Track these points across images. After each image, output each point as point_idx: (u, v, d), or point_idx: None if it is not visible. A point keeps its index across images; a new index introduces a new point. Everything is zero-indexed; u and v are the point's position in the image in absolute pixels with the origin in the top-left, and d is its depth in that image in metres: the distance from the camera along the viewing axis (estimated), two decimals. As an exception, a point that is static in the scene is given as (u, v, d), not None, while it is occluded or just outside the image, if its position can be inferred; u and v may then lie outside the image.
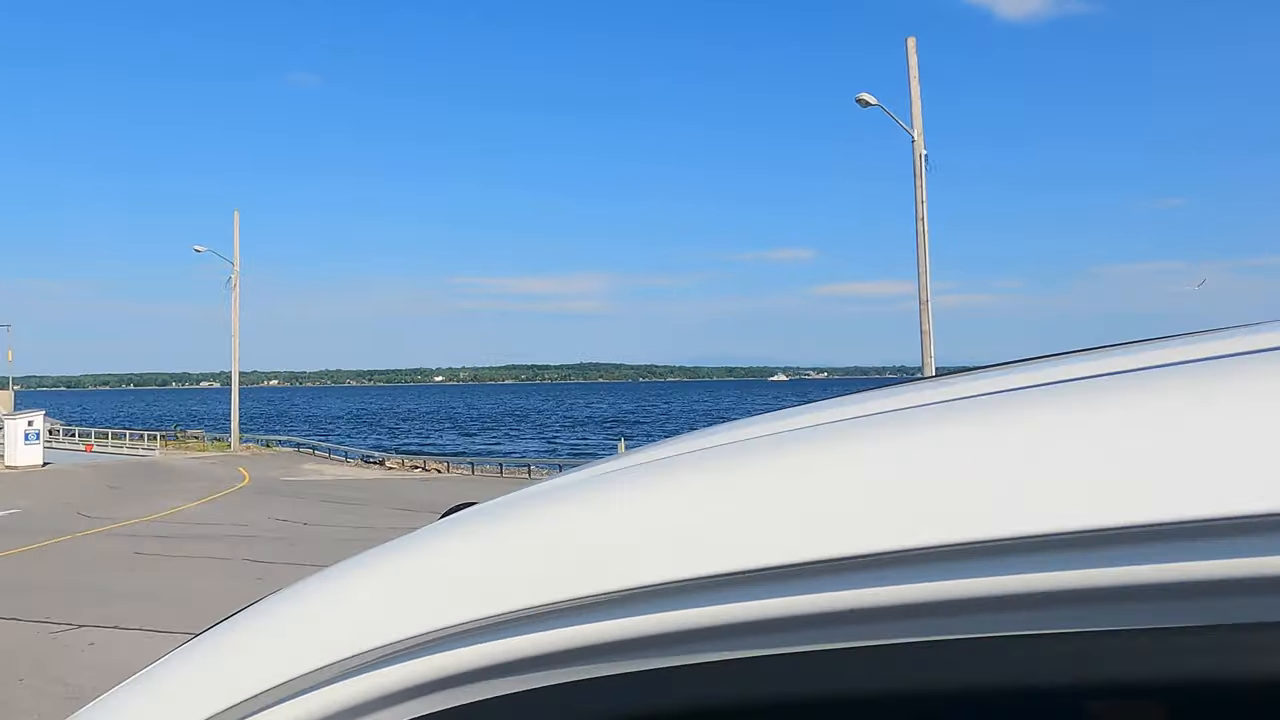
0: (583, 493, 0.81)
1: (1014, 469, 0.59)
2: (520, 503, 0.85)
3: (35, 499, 27.81)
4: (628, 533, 0.72)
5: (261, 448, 47.99)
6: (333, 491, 28.55)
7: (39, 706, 7.51)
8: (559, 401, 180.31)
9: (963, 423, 0.66)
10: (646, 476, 0.78)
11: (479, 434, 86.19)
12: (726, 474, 0.73)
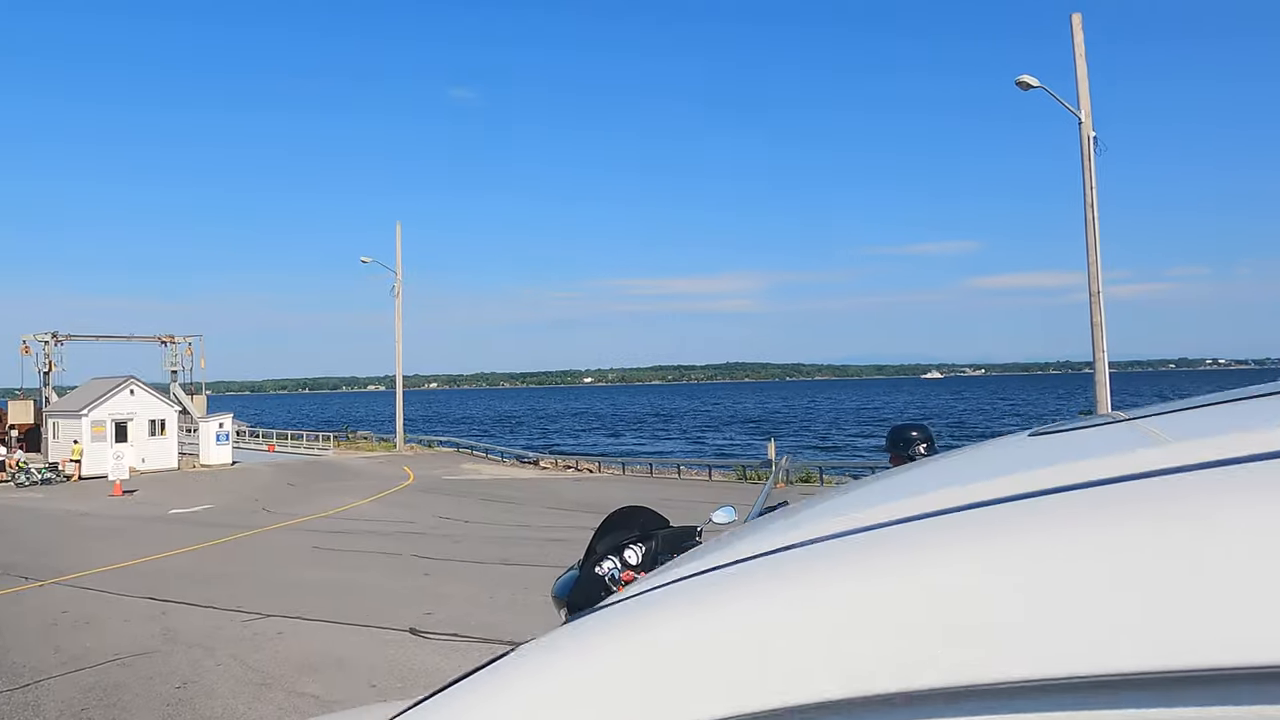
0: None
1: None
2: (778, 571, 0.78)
3: (225, 495, 30.09)
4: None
5: (424, 448, 50.20)
6: (491, 490, 29.49)
7: (235, 691, 8.02)
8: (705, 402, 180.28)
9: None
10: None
11: (626, 434, 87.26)
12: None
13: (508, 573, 13.67)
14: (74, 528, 23.64)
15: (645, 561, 4.43)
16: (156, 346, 53.51)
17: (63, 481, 36.99)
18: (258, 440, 54.59)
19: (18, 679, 8.84)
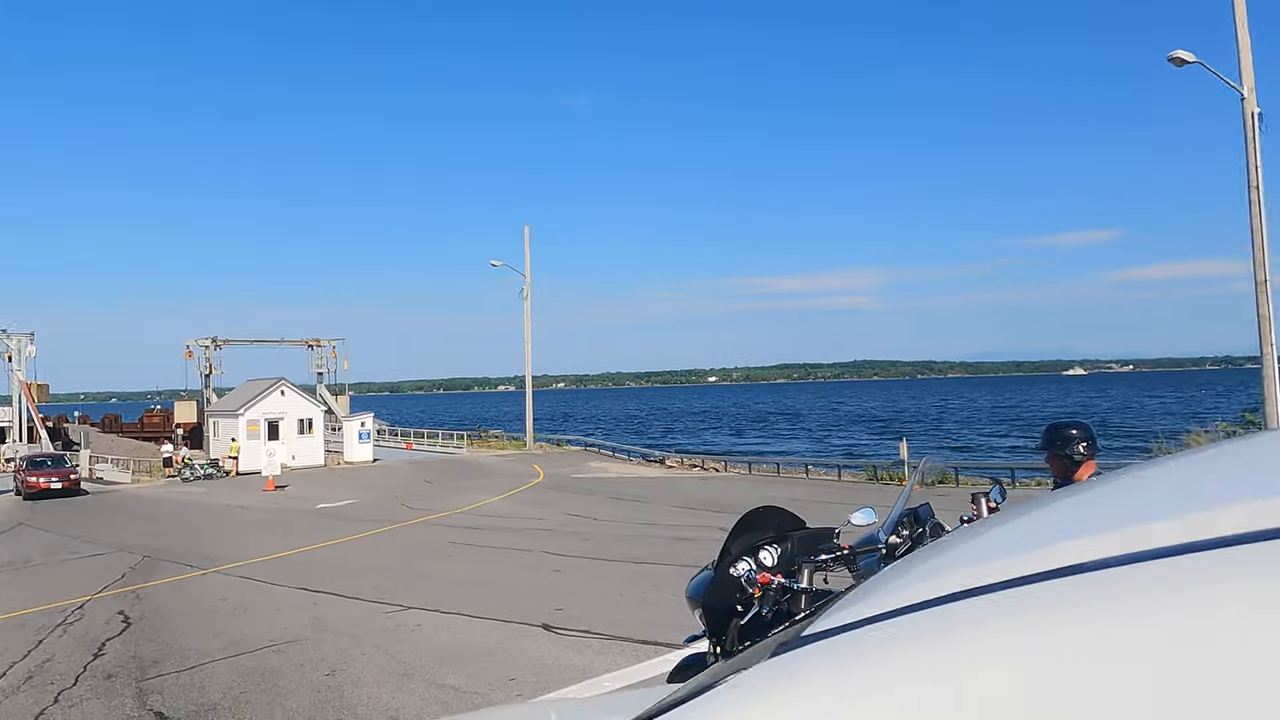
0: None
1: None
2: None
3: (368, 491, 31.50)
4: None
5: (552, 446, 51.19)
6: (618, 488, 29.77)
7: (380, 680, 8.35)
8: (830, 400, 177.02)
9: None
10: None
11: (750, 433, 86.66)
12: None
13: (636, 571, 13.74)
14: (232, 520, 25.23)
15: (781, 563, 4.33)
16: (304, 350, 56.60)
17: (222, 476, 39.57)
18: (396, 439, 56.93)
19: (185, 661, 9.47)
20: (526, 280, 49.41)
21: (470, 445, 51.83)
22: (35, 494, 32.22)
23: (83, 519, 26.59)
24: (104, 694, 8.40)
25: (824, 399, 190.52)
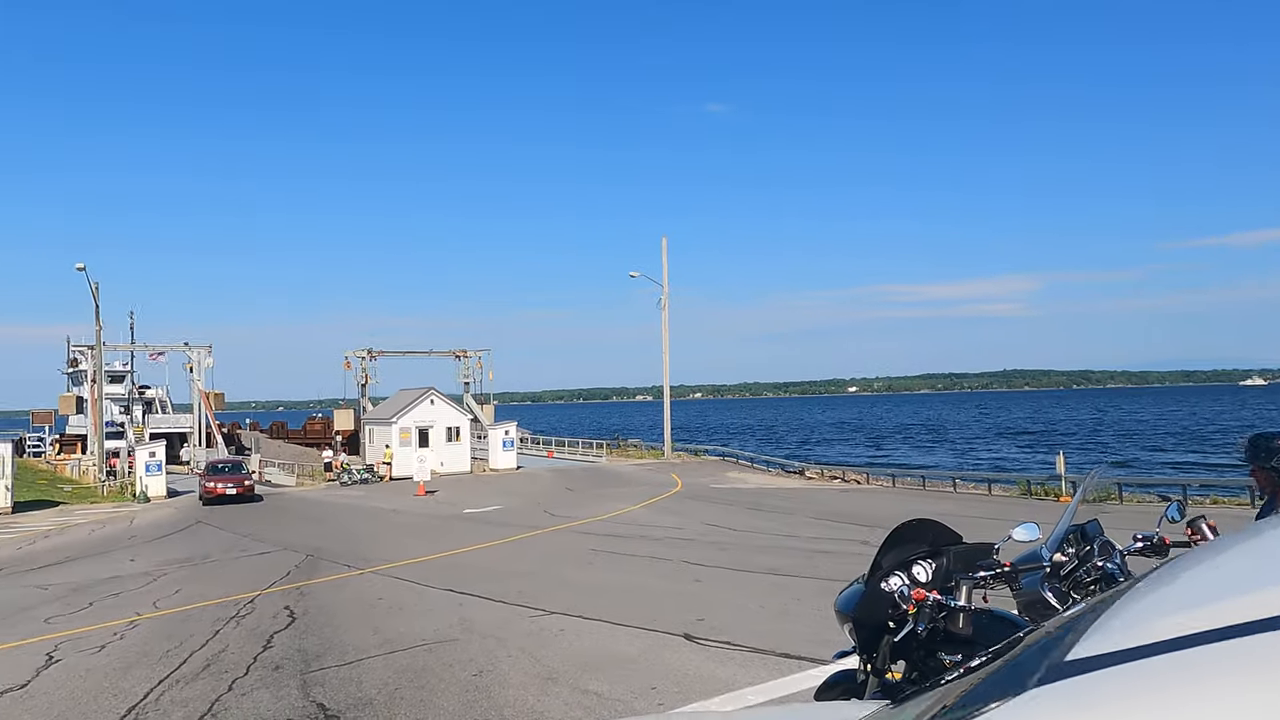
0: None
1: None
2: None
3: (512, 497, 32.38)
4: None
5: (690, 456, 51.23)
6: (757, 499, 29.47)
7: (525, 683, 8.52)
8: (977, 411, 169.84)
9: None
10: None
11: (891, 445, 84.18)
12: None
13: (777, 582, 13.53)
14: (386, 523, 26.44)
15: (936, 579, 4.15)
16: (452, 360, 58.89)
17: (377, 481, 41.56)
18: (538, 447, 58.34)
19: (344, 655, 9.95)
20: (664, 291, 49.77)
21: (609, 454, 52.52)
22: (212, 499, 33.53)
23: (252, 519, 28.45)
24: (272, 684, 8.92)
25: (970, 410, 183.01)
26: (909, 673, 4.03)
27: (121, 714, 8.14)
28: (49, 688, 9.16)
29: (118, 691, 8.88)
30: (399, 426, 43.96)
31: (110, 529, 28.23)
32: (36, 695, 8.90)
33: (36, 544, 25.38)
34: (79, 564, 20.12)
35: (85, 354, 55.44)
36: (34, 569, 19.57)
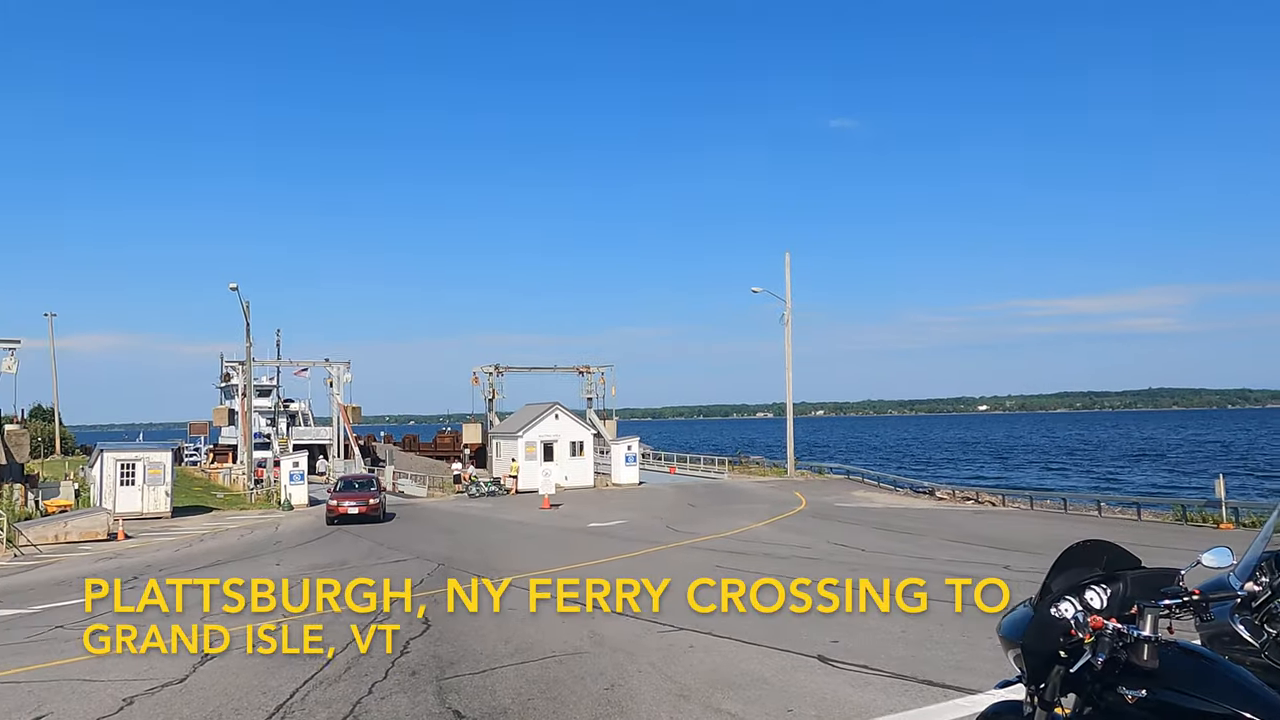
0: None
1: None
2: None
3: (634, 512, 32.47)
4: None
5: (814, 474, 50.30)
6: (885, 519, 28.60)
7: (657, 699, 8.41)
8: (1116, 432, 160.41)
9: None
10: None
11: (1025, 466, 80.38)
12: None
13: (915, 605, 12.99)
14: (514, 534, 26.93)
15: (1111, 606, 3.81)
16: (575, 376, 59.85)
17: (503, 494, 42.48)
18: (660, 462, 58.45)
19: (477, 664, 10.09)
20: (787, 306, 49.17)
21: (731, 470, 52.12)
22: (335, 518, 31.57)
23: (388, 528, 29.49)
24: (409, 689, 9.11)
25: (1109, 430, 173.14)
26: (1080, 707, 3.72)
27: (270, 711, 8.46)
28: (205, 683, 9.63)
29: (266, 690, 9.25)
30: (524, 441, 44.84)
31: (257, 534, 29.80)
32: (193, 690, 9.37)
33: (193, 547, 27.01)
34: (230, 567, 21.27)
35: (236, 369, 58.99)
36: (191, 570, 20.79)
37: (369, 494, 32.92)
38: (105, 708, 8.76)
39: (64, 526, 30.61)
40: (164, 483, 37.85)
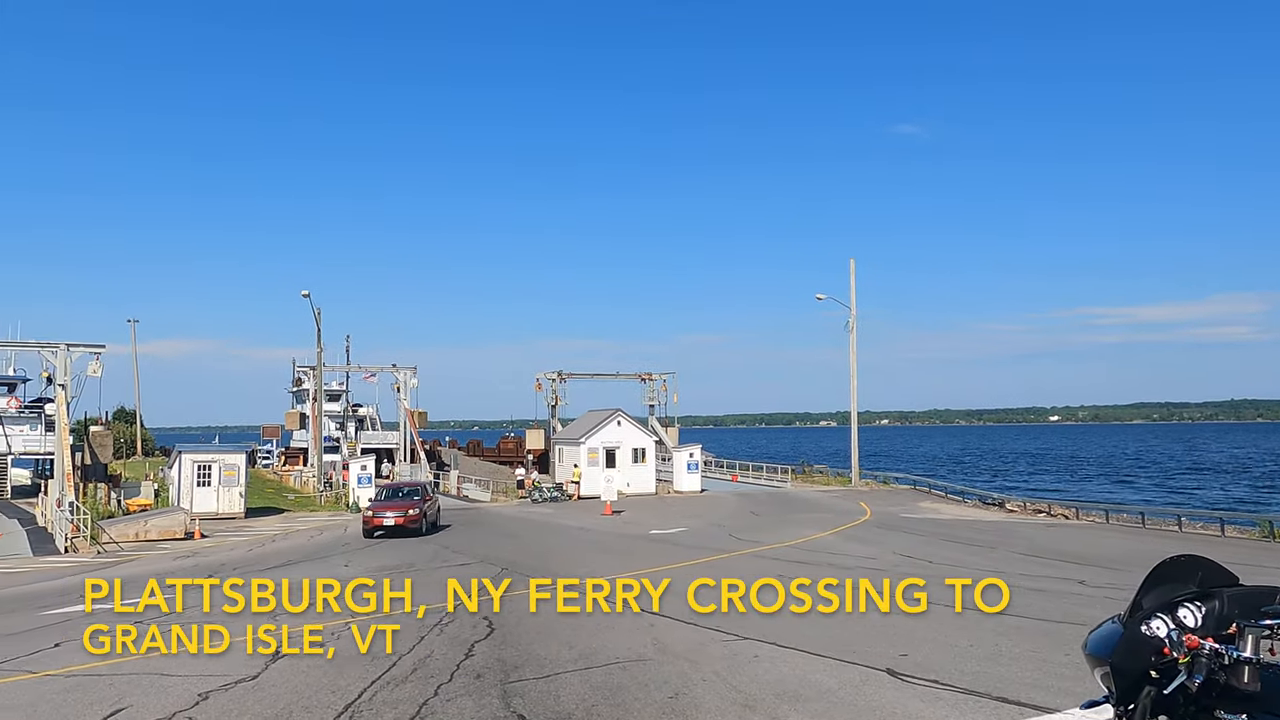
0: None
1: None
2: None
3: (696, 520, 32.32)
4: None
5: (879, 484, 49.50)
6: (953, 530, 27.98)
7: (721, 708, 8.31)
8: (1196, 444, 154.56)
9: None
10: None
11: (1097, 478, 77.95)
12: None
13: (985, 620, 12.66)
14: (576, 540, 27.01)
15: (1206, 624, 3.63)
16: (637, 383, 59.89)
17: (565, 500, 42.68)
18: (722, 470, 58.14)
19: (541, 668, 10.10)
20: (852, 314, 48.53)
21: (794, 479, 51.59)
22: (371, 530, 28.48)
23: (452, 532, 29.83)
24: (474, 692, 9.16)
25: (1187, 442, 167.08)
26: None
27: (339, 710, 8.58)
28: (276, 680, 9.82)
29: (335, 689, 9.39)
30: (587, 447, 45.00)
31: (327, 536, 30.42)
32: (265, 687, 9.56)
33: (265, 547, 27.69)
34: (301, 567, 21.73)
35: (308, 374, 60.41)
36: (264, 569, 21.30)
37: (409, 503, 29.43)
38: (182, 702, 8.98)
39: (144, 525, 31.66)
40: (238, 484, 38.92)
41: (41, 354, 38.12)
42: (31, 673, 10.51)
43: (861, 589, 15.60)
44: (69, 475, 33.80)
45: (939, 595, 15.05)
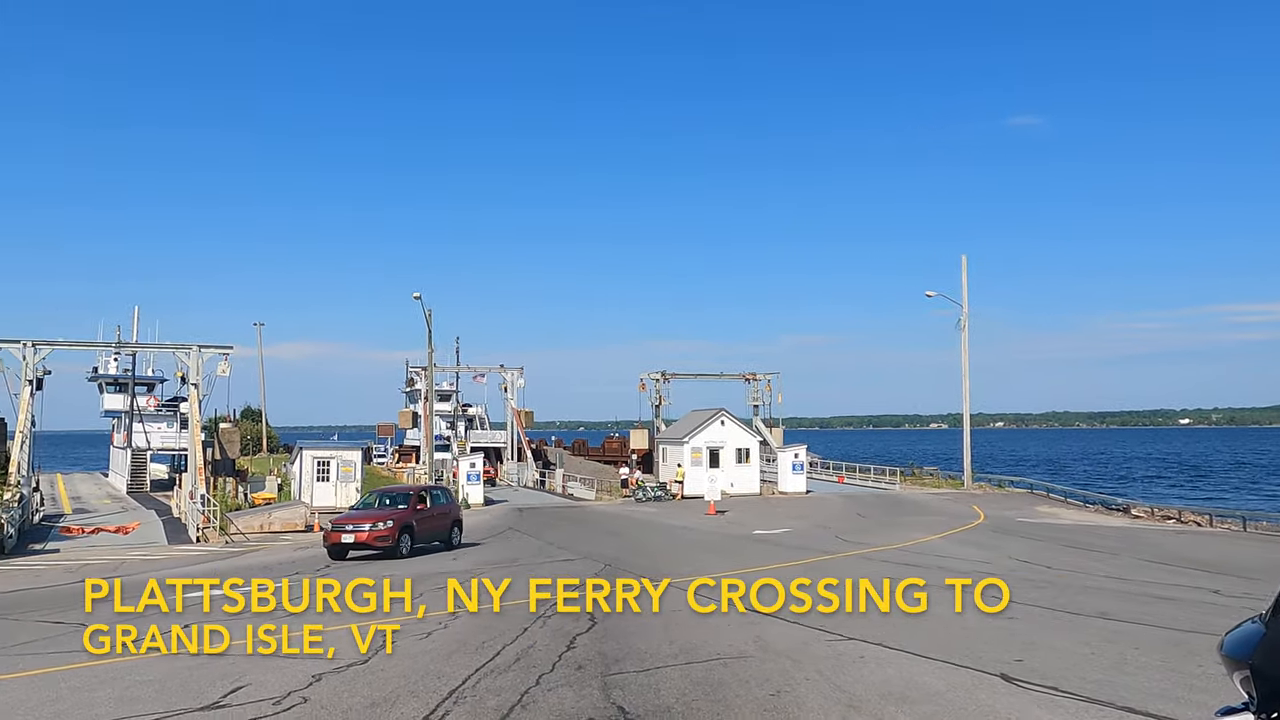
0: None
1: None
2: None
3: (801, 521, 31.85)
4: None
5: (993, 487, 47.78)
6: (1073, 536, 26.75)
7: (824, 708, 8.10)
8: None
9: None
10: None
11: (1234, 484, 73.17)
12: None
13: (1108, 628, 12.02)
14: (679, 539, 26.97)
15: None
16: (741, 383, 59.48)
17: (669, 499, 42.69)
18: (828, 472, 57.17)
19: (641, 662, 10.08)
20: (964, 312, 47.01)
21: (903, 481, 50.31)
22: (335, 549, 23.02)
23: (558, 529, 30.21)
24: (575, 683, 9.19)
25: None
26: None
27: (444, 695, 8.75)
28: (385, 665, 10.09)
29: (441, 675, 9.58)
30: (690, 446, 44.91)
31: (437, 530, 31.22)
32: (375, 670, 9.83)
33: (378, 540, 28.60)
34: (412, 561, 22.36)
35: (419, 375, 62.25)
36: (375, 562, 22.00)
37: (383, 515, 23.44)
38: (297, 681, 9.32)
39: (268, 517, 33.20)
40: (354, 480, 40.40)
41: (176, 355, 40.41)
42: (163, 651, 11.09)
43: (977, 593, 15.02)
44: (200, 470, 35.74)
45: (1061, 601, 14.38)
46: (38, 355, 36.62)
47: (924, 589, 15.65)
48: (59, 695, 9.11)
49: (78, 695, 9.06)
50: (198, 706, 8.51)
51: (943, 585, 16.08)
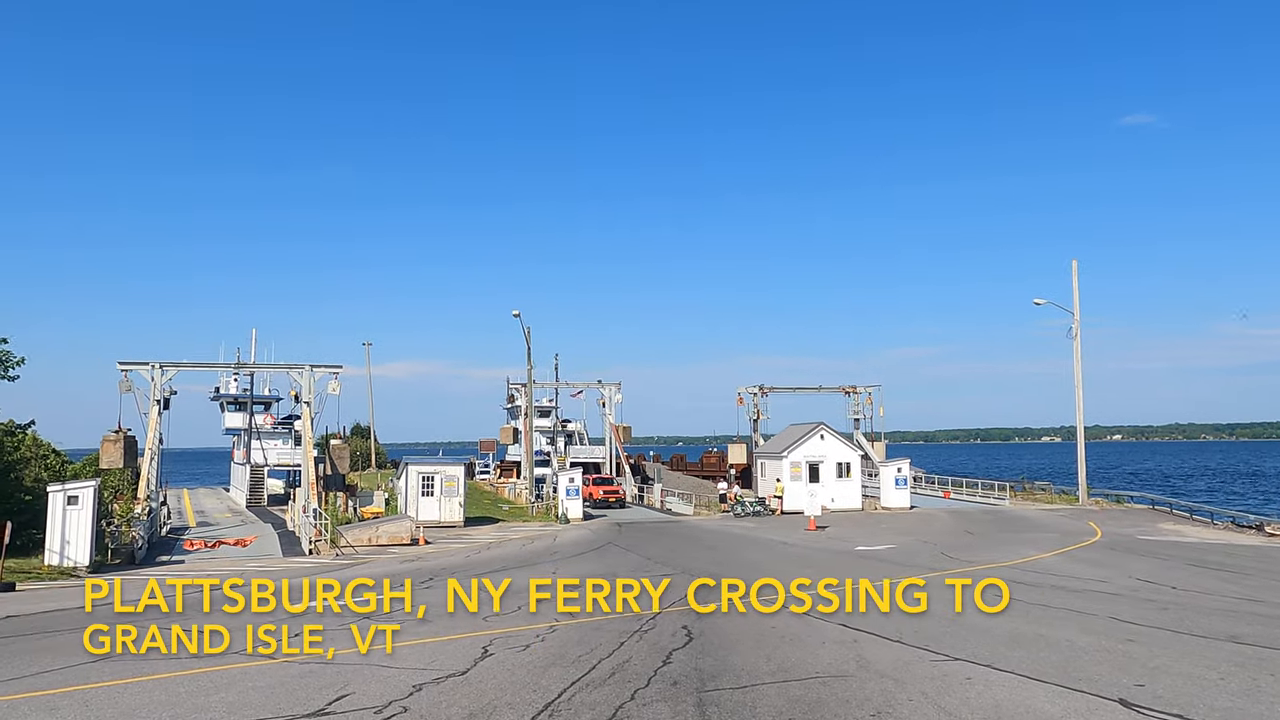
0: None
1: None
2: None
3: (905, 537, 30.95)
4: None
5: (1110, 503, 45.54)
6: (1200, 555, 25.20)
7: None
8: None
9: None
10: None
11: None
12: None
13: (1239, 652, 11.24)
14: (778, 554, 26.55)
15: None
16: (840, 396, 58.41)
17: (768, 514, 42.15)
18: (933, 486, 55.53)
19: (738, 679, 9.92)
20: (1075, 319, 45.07)
21: (1013, 497, 48.44)
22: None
23: (656, 543, 30.16)
24: (670, 698, 9.11)
25: None
26: None
27: (539, 708, 8.79)
28: (483, 676, 10.21)
29: (537, 687, 9.64)
30: (790, 461, 44.28)
31: (537, 544, 31.60)
32: (473, 682, 9.96)
33: (481, 554, 29.13)
34: (512, 572, 22.66)
35: (519, 391, 63.33)
36: (479, 574, 22.39)
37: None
38: (398, 691, 9.51)
39: (375, 531, 34.19)
40: (458, 494, 41.28)
41: (290, 374, 42.19)
42: (272, 659, 11.49)
43: (1097, 614, 14.28)
44: (313, 485, 37.11)
45: (1186, 624, 13.54)
46: (165, 376, 38.76)
47: (1037, 607, 14.99)
48: (176, 698, 9.53)
49: (194, 700, 9.46)
50: (304, 713, 8.77)
51: (1056, 605, 15.37)
